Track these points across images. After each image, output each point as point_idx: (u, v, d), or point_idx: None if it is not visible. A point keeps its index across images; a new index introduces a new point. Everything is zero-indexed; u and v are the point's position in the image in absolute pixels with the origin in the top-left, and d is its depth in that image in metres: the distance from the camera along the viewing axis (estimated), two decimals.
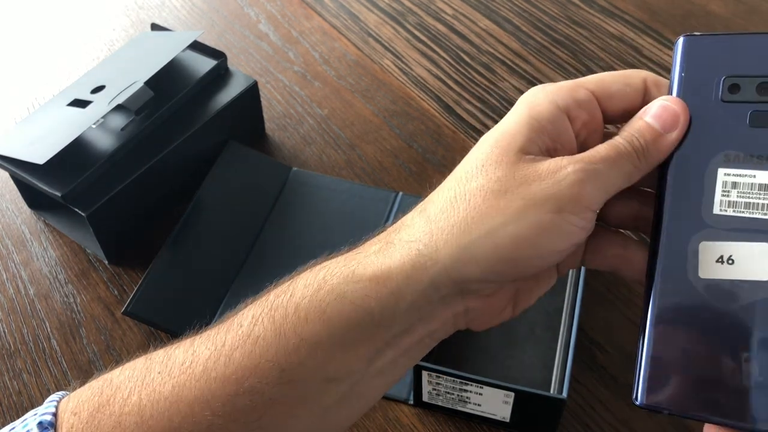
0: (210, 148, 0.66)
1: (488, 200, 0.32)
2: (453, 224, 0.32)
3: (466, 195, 0.33)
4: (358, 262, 0.33)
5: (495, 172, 0.33)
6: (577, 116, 0.34)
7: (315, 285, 0.33)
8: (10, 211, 0.68)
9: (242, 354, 0.32)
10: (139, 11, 0.89)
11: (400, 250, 0.33)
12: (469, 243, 0.32)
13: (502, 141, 0.33)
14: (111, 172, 0.60)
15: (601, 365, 0.53)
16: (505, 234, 0.31)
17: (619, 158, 0.32)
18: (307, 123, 0.73)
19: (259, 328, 0.33)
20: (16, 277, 0.62)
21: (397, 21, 0.84)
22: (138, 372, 0.34)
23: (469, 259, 0.32)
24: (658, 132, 0.33)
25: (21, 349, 0.57)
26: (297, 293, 0.33)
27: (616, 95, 0.35)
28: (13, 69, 0.82)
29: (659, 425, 0.50)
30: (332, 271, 0.33)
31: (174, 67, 0.67)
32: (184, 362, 0.33)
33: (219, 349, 0.33)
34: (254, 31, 0.84)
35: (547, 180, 0.32)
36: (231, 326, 0.34)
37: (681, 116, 0.33)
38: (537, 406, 0.47)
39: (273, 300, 0.34)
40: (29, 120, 0.65)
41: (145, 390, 0.33)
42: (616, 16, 0.82)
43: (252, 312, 0.34)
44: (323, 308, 0.32)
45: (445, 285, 0.32)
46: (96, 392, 0.34)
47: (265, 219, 0.63)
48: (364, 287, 0.32)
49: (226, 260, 0.60)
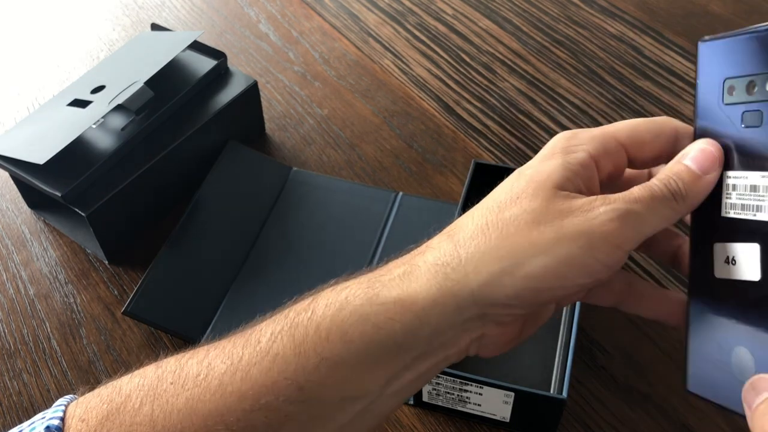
0: (210, 148, 0.66)
1: (522, 230, 0.33)
2: (484, 251, 0.33)
3: (498, 224, 0.33)
4: (383, 284, 0.33)
5: (530, 204, 0.33)
6: (605, 166, 0.35)
7: (337, 305, 0.33)
8: (10, 211, 0.68)
9: (260, 370, 0.32)
10: (139, 11, 0.89)
11: (426, 273, 0.33)
12: (500, 270, 0.32)
13: (538, 176, 0.34)
14: (111, 172, 0.60)
15: (601, 365, 0.53)
16: (536, 264, 0.32)
17: (653, 200, 0.33)
18: (307, 123, 0.73)
19: (278, 345, 0.33)
20: (16, 277, 0.62)
21: (397, 21, 0.84)
22: (149, 381, 0.34)
23: (498, 285, 0.32)
24: (697, 174, 0.33)
25: (21, 349, 0.57)
26: (318, 312, 0.33)
27: (647, 145, 0.36)
28: (13, 69, 0.82)
29: (659, 425, 0.50)
30: (355, 292, 0.33)
31: (174, 67, 0.67)
32: (199, 374, 0.33)
33: (236, 364, 0.33)
34: (254, 31, 0.84)
35: (580, 216, 0.32)
36: (248, 341, 0.33)
37: (717, 158, 0.33)
38: (537, 406, 0.47)
39: (293, 318, 0.34)
40: (29, 120, 0.65)
41: (157, 401, 0.32)
42: (616, 16, 0.82)
43: (271, 329, 0.34)
44: (345, 329, 0.32)
45: (469, 309, 0.33)
46: (105, 399, 0.34)
47: (265, 219, 0.63)
48: (387, 310, 0.32)
49: (226, 260, 0.60)
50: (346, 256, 0.60)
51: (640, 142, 0.36)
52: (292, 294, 0.58)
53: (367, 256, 0.60)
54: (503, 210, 0.33)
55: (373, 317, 0.32)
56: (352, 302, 0.33)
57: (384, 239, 0.61)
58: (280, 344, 0.33)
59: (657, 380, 0.52)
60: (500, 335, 0.35)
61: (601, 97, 0.73)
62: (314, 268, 0.60)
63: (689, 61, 0.76)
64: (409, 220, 0.63)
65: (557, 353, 0.52)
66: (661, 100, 0.73)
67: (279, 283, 0.59)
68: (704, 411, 0.50)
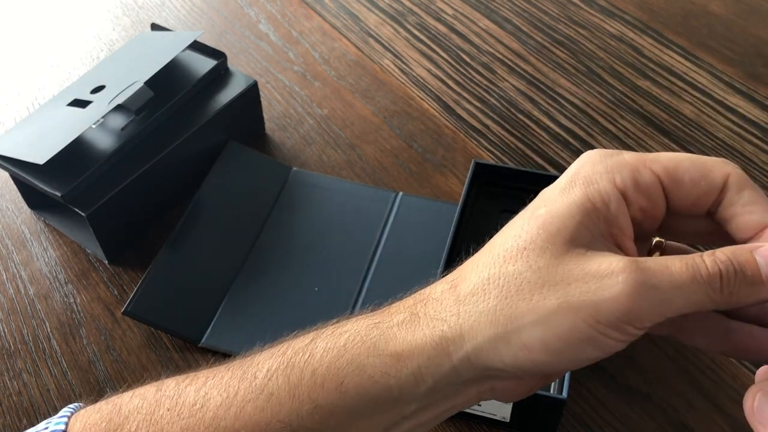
0: (210, 148, 0.66)
1: (522, 292, 0.29)
2: (481, 311, 0.29)
3: (500, 280, 0.29)
4: (381, 332, 0.32)
5: (536, 261, 0.29)
6: (635, 200, 0.30)
7: (335, 351, 0.32)
8: (10, 211, 0.68)
9: (254, 408, 0.32)
10: (139, 11, 0.89)
11: (424, 327, 0.31)
12: (495, 336, 0.29)
13: (551, 225, 0.29)
14: (111, 172, 0.60)
15: (601, 365, 0.53)
16: (534, 335, 0.28)
17: (692, 283, 0.27)
18: (307, 123, 0.73)
19: (274, 384, 0.32)
20: (16, 277, 0.62)
21: (397, 21, 0.84)
22: (147, 404, 0.34)
23: (493, 352, 0.29)
24: (761, 279, 0.28)
25: (21, 349, 0.57)
26: (316, 356, 0.32)
27: (687, 185, 0.30)
28: (13, 69, 0.82)
29: (659, 425, 0.50)
30: (353, 339, 0.32)
31: (174, 67, 0.67)
32: (195, 404, 0.33)
33: (231, 398, 0.32)
34: (254, 31, 0.84)
35: (590, 283, 0.28)
36: (245, 374, 0.33)
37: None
38: (537, 406, 0.47)
39: (291, 357, 0.33)
40: (29, 120, 0.65)
41: (153, 427, 0.32)
42: (616, 16, 0.82)
43: (268, 365, 0.33)
44: (341, 378, 0.31)
45: (468, 371, 0.30)
46: (104, 418, 0.34)
47: (265, 219, 0.63)
48: (383, 363, 0.31)
49: (226, 260, 0.60)
50: (346, 256, 0.60)
51: (678, 180, 0.30)
52: (292, 294, 0.58)
53: (367, 256, 0.60)
54: (507, 262, 0.30)
55: (370, 369, 0.31)
56: (350, 350, 0.32)
57: (384, 239, 0.61)
58: (275, 384, 0.32)
59: (657, 380, 0.52)
60: (515, 387, 0.33)
61: (601, 97, 0.73)
62: (314, 268, 0.60)
63: (689, 61, 0.76)
64: (409, 220, 0.62)
65: None
66: (660, 100, 0.73)
67: (279, 283, 0.59)
68: (704, 411, 0.50)
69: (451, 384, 0.31)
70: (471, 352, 0.30)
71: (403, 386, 0.31)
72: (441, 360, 0.30)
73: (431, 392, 0.31)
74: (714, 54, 0.77)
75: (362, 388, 0.31)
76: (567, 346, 0.28)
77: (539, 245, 0.29)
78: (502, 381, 0.32)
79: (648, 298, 0.27)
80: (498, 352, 0.29)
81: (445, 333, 0.30)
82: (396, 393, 0.31)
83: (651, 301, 0.27)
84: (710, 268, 0.27)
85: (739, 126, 0.70)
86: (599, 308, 0.27)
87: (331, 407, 0.31)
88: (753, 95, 0.73)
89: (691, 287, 0.27)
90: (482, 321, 0.29)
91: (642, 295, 0.27)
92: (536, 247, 0.29)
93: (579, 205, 0.29)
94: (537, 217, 0.30)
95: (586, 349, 0.28)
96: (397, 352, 0.31)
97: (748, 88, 0.73)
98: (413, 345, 0.31)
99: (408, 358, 0.31)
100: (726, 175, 0.30)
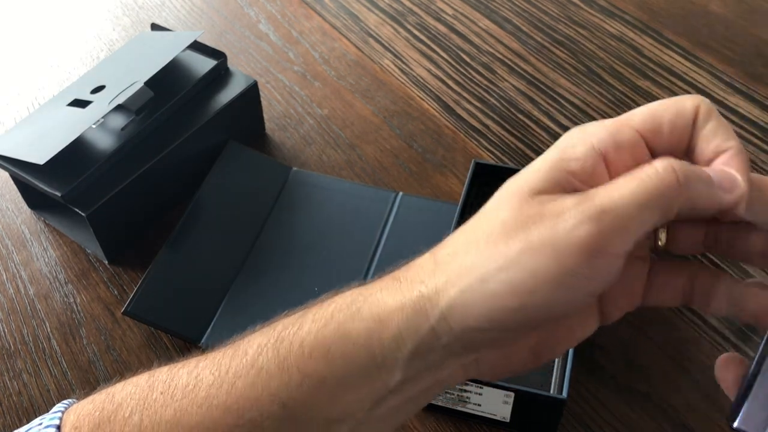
0: (210, 148, 0.66)
1: (489, 243, 0.29)
2: (454, 268, 0.30)
3: (475, 237, 0.30)
4: (365, 299, 0.32)
5: (502, 214, 0.30)
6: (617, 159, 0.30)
7: (322, 321, 0.32)
8: (10, 211, 0.68)
9: (245, 384, 0.32)
10: (139, 11, 0.89)
11: (404, 290, 0.31)
12: (466, 287, 0.29)
13: (519, 180, 0.31)
14: (111, 172, 0.60)
15: (601, 365, 0.53)
16: (500, 281, 0.29)
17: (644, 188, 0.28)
18: (307, 123, 0.73)
19: (263, 358, 0.32)
20: (16, 277, 0.62)
21: (397, 21, 0.84)
22: (140, 390, 0.34)
23: (464, 305, 0.29)
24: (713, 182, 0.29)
25: (21, 349, 0.57)
26: (305, 327, 0.32)
27: (666, 130, 0.31)
28: (13, 69, 0.82)
29: (659, 425, 0.50)
30: (339, 308, 0.32)
31: (174, 67, 0.67)
32: (187, 385, 0.33)
33: (222, 375, 0.32)
34: (254, 31, 0.84)
35: (547, 222, 0.28)
36: (236, 353, 0.33)
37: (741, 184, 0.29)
38: (537, 406, 0.47)
39: (280, 331, 0.33)
40: (29, 120, 0.65)
41: (146, 411, 0.32)
42: (616, 16, 0.82)
43: (258, 341, 0.33)
44: (327, 346, 0.31)
45: (447, 333, 0.30)
46: (98, 407, 0.34)
47: (265, 219, 0.63)
48: (367, 327, 0.31)
49: (226, 260, 0.60)
50: (346, 256, 0.60)
51: (658, 127, 0.30)
52: (292, 294, 0.58)
53: (367, 256, 0.60)
54: (481, 222, 0.31)
55: (354, 334, 0.31)
56: (336, 318, 0.32)
57: (384, 239, 0.61)
58: (265, 358, 0.32)
59: (657, 380, 0.52)
60: (501, 360, 0.32)
61: (601, 97, 0.73)
62: (314, 268, 0.60)
63: (689, 61, 0.76)
64: (409, 220, 0.62)
65: None
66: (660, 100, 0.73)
67: (279, 283, 0.59)
68: (704, 411, 0.50)
69: (432, 350, 0.31)
70: (445, 309, 0.30)
71: (386, 351, 0.31)
72: (419, 320, 0.30)
73: (413, 358, 0.31)
74: (714, 54, 0.77)
75: (348, 355, 0.31)
76: (534, 288, 0.28)
77: (506, 199, 0.30)
78: (489, 350, 0.32)
79: (603, 222, 0.28)
80: (469, 305, 0.29)
81: (422, 293, 0.31)
82: (380, 359, 0.31)
83: (607, 224, 0.28)
84: (662, 168, 0.28)
85: (739, 126, 0.70)
86: (557, 244, 0.28)
87: (319, 377, 0.31)
88: (753, 95, 0.73)
89: (644, 193, 0.28)
90: (454, 276, 0.30)
91: (596, 221, 0.28)
92: (503, 202, 0.30)
93: (549, 163, 0.30)
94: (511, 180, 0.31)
95: (557, 291, 0.28)
96: (378, 315, 0.31)
97: (748, 88, 0.73)
98: (393, 307, 0.31)
99: (389, 320, 0.31)
100: (696, 107, 0.30)
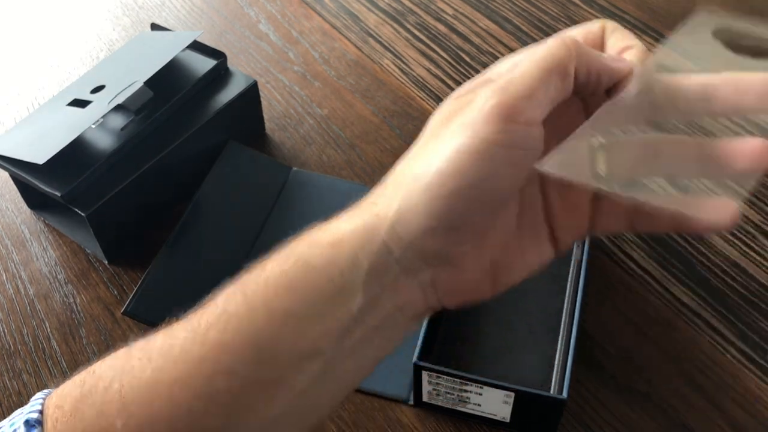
0: (210, 148, 0.66)
1: (422, 148, 0.33)
2: (400, 180, 0.33)
3: (415, 152, 0.33)
4: (325, 229, 0.33)
5: (432, 122, 0.33)
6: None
7: (284, 256, 0.33)
8: (10, 211, 0.68)
9: (217, 331, 0.32)
10: (139, 11, 0.89)
11: (361, 212, 0.33)
12: (406, 193, 0.31)
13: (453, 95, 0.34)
14: (111, 172, 0.60)
15: (601, 365, 0.53)
16: (431, 173, 0.31)
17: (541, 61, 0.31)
18: (307, 123, 0.73)
19: (232, 304, 0.33)
20: (16, 277, 0.62)
21: (397, 21, 0.84)
22: (119, 360, 0.34)
23: (408, 209, 0.31)
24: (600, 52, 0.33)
25: (21, 349, 0.57)
26: (268, 266, 0.33)
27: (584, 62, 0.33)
28: (13, 69, 0.82)
29: (659, 425, 0.50)
30: (300, 241, 0.33)
31: (174, 67, 0.67)
32: (163, 346, 0.33)
33: (195, 329, 0.33)
34: (254, 31, 0.84)
35: (463, 109, 0.32)
36: (207, 307, 0.34)
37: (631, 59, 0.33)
38: (537, 407, 0.47)
39: (246, 275, 0.34)
40: (29, 120, 0.65)
41: (125, 377, 0.33)
42: (616, 16, 0.82)
43: (227, 291, 0.34)
44: (290, 278, 0.32)
45: (397, 244, 0.32)
46: (78, 384, 0.34)
47: (265, 219, 0.63)
48: (323, 252, 0.32)
49: (226, 260, 0.60)
50: None
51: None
52: None
53: None
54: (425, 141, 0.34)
55: (313, 260, 0.32)
56: (295, 251, 0.33)
57: None
58: (234, 303, 0.33)
59: (657, 380, 0.52)
60: (458, 280, 0.33)
61: None
62: None
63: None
64: None
65: (557, 353, 0.52)
66: None
67: None
68: (704, 411, 0.50)
69: (387, 267, 0.32)
70: (394, 220, 0.31)
71: (345, 273, 0.32)
72: (371, 236, 0.32)
73: (370, 279, 0.32)
74: None
75: (309, 284, 0.32)
76: (460, 167, 0.30)
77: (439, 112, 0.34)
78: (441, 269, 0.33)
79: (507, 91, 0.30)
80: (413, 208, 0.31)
81: (373, 212, 0.32)
82: (339, 282, 0.32)
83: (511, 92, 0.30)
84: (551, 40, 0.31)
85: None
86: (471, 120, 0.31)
87: (284, 311, 0.32)
88: None
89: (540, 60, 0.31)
90: (399, 188, 0.32)
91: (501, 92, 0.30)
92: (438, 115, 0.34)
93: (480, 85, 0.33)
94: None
95: (481, 164, 0.30)
96: (335, 238, 0.32)
97: None
98: (348, 230, 0.32)
99: (345, 242, 0.32)
100: (602, 24, 0.35)
